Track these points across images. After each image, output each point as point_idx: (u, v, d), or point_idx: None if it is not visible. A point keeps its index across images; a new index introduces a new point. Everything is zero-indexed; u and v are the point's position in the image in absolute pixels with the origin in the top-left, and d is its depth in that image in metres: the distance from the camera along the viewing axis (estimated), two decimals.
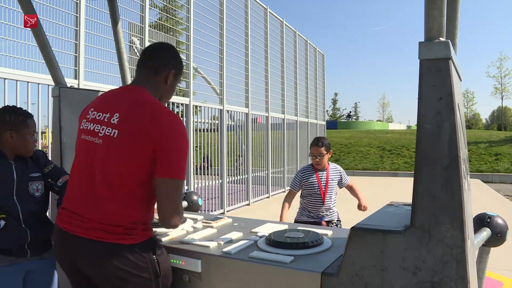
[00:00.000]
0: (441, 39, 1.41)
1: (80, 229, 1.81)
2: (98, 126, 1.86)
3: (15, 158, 2.36)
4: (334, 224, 4.05)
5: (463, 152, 1.50)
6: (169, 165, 1.77)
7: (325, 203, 3.98)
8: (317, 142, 4.02)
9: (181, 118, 1.89)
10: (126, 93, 1.96)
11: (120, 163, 1.79)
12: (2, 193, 2.26)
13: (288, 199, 4.10)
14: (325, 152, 3.99)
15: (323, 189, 3.99)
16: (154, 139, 1.75)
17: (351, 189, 4.24)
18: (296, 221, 4.07)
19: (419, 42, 1.44)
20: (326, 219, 4.02)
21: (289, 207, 4.10)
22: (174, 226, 1.87)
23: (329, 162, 4.16)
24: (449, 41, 1.40)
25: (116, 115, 1.84)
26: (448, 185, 1.39)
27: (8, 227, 2.24)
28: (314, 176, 4.03)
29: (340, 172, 4.19)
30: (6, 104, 2.85)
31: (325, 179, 4.03)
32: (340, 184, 4.18)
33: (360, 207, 4.12)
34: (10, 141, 2.32)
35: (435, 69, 1.41)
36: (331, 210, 4.06)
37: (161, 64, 1.97)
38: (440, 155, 1.40)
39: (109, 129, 1.82)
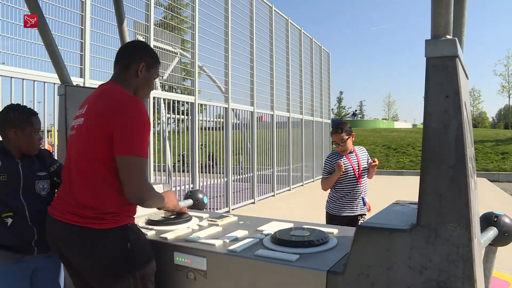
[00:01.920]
0: (448, 36, 1.40)
1: (58, 213, 1.93)
2: (76, 121, 2.05)
3: (21, 157, 2.38)
4: (363, 218, 4.01)
5: (470, 151, 1.49)
6: (126, 142, 1.82)
7: (361, 184, 4.00)
8: (337, 129, 4.04)
9: (141, 101, 1.97)
10: (99, 88, 2.10)
11: (84, 147, 1.90)
12: (9, 191, 2.27)
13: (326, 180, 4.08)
14: (347, 137, 4.00)
15: (357, 170, 4.00)
16: (110, 119, 1.83)
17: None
18: (333, 215, 4.06)
19: (426, 40, 1.43)
20: (358, 212, 4.00)
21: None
22: (143, 201, 1.90)
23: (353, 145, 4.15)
24: (456, 38, 1.39)
25: (86, 107, 2.01)
26: (454, 184, 1.38)
27: (15, 225, 2.26)
28: (345, 158, 4.03)
29: (365, 152, 4.21)
30: (12, 103, 2.86)
31: (357, 161, 4.04)
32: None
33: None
34: (15, 139, 2.33)
35: (442, 67, 1.40)
36: (364, 198, 4.05)
37: (130, 59, 2.08)
38: (446, 153, 1.39)
39: (79, 120, 2.00)
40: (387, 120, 68.83)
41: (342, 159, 4.02)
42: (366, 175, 4.10)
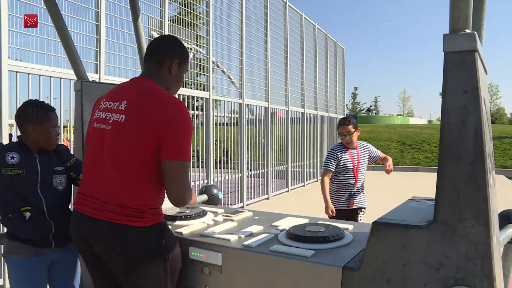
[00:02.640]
0: (467, 30, 1.38)
1: (92, 210, 1.90)
2: (108, 114, 1.97)
3: (39, 152, 2.41)
4: (362, 212, 4.09)
5: (489, 147, 1.46)
6: (174, 147, 1.84)
7: (357, 180, 4.07)
8: (344, 121, 4.13)
9: (185, 106, 1.99)
10: (134, 83, 2.06)
11: (127, 146, 1.87)
12: (27, 186, 2.30)
13: (327, 179, 4.14)
14: (353, 130, 4.09)
15: (356, 166, 4.09)
16: (159, 123, 1.83)
17: (384, 159, 4.23)
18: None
19: (444, 34, 1.40)
20: (357, 206, 4.08)
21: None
22: (184, 204, 1.94)
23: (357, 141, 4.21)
24: (476, 32, 1.37)
25: (124, 102, 1.94)
26: (472, 180, 1.36)
27: (33, 219, 2.29)
28: (347, 153, 4.12)
29: (368, 148, 4.27)
30: (29, 99, 2.90)
31: (357, 157, 4.13)
32: (372, 158, 4.25)
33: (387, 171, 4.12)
34: (33, 134, 2.36)
35: (460, 62, 1.38)
36: (361, 194, 4.13)
37: (164, 55, 2.07)
38: (465, 149, 1.37)
39: (117, 115, 1.93)
40: (402, 116, 68.20)
41: (344, 153, 4.11)
42: (364, 171, 4.18)
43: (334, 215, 3.98)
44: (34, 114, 2.37)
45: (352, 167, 4.07)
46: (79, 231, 1.98)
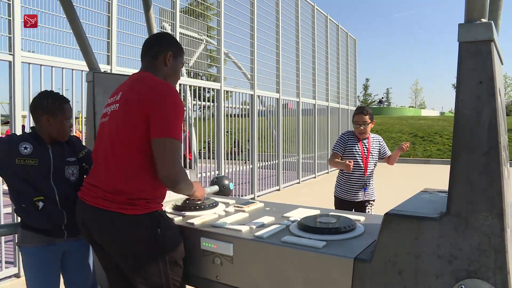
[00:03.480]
0: (483, 20, 1.35)
1: (90, 198, 1.98)
2: (109, 108, 2.09)
3: (52, 142, 2.43)
4: (371, 205, 4.05)
5: (504, 139, 1.44)
6: (163, 125, 1.87)
7: (366, 172, 4.02)
8: (362, 110, 4.07)
9: (176, 89, 2.04)
10: (132, 76, 2.15)
11: (122, 132, 1.93)
12: (39, 176, 2.33)
13: (334, 159, 4.08)
14: (369, 121, 4.03)
15: (365, 159, 4.03)
16: (147, 103, 1.88)
17: (391, 157, 4.18)
18: (340, 199, 4.13)
19: (459, 24, 1.38)
20: (366, 198, 4.04)
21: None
22: (176, 184, 1.91)
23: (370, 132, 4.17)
24: (492, 22, 1.34)
25: (120, 93, 2.05)
26: (487, 172, 1.34)
27: (46, 209, 2.32)
28: (358, 145, 4.06)
29: (379, 142, 4.19)
30: (42, 90, 2.92)
31: (367, 149, 4.06)
32: (380, 155, 4.17)
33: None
34: (47, 125, 2.38)
35: (476, 52, 1.36)
36: (371, 186, 4.09)
37: (158, 48, 2.15)
38: (479, 141, 1.35)
39: (113, 106, 2.04)
40: (414, 108, 67.57)
41: (355, 143, 4.05)
42: (373, 164, 4.11)
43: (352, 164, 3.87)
44: (49, 106, 2.39)
45: (361, 158, 4.01)
46: (79, 218, 2.07)
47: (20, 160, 2.28)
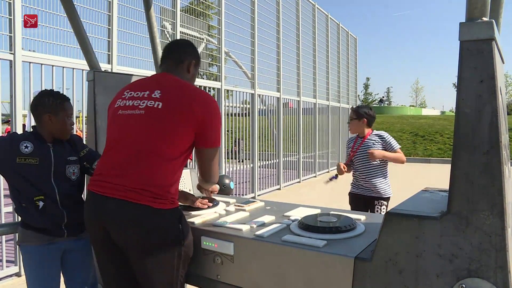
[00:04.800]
0: (484, 19, 1.35)
1: (110, 191, 1.93)
2: (138, 101, 2.02)
3: (53, 141, 2.43)
4: (380, 203, 3.98)
5: (504, 138, 1.44)
6: (213, 136, 2.05)
7: (355, 167, 4.07)
8: (352, 107, 4.20)
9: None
10: (162, 76, 2.14)
11: (165, 130, 1.94)
12: (40, 175, 2.33)
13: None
14: (355, 117, 4.06)
15: (352, 155, 4.09)
16: (199, 116, 1.95)
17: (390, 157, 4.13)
18: (351, 193, 4.21)
19: (460, 23, 1.37)
20: (373, 194, 4.01)
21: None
22: (213, 184, 2.28)
23: (374, 130, 4.16)
24: (493, 20, 1.34)
25: (158, 91, 2.01)
26: (487, 171, 1.34)
27: (46, 208, 2.32)
28: (353, 142, 4.16)
29: (379, 138, 4.07)
30: (43, 89, 2.92)
31: (359, 145, 4.07)
32: (387, 150, 4.05)
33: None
34: (49, 123, 2.38)
35: (477, 51, 1.35)
36: (377, 182, 4.00)
37: (183, 55, 2.20)
38: (480, 140, 1.35)
39: (151, 102, 1.98)
40: (415, 107, 67.46)
41: (351, 142, 4.19)
42: (364, 161, 4.04)
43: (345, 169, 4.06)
44: (50, 104, 2.39)
45: (349, 155, 4.11)
46: (96, 214, 1.99)
47: (21, 159, 2.28)
